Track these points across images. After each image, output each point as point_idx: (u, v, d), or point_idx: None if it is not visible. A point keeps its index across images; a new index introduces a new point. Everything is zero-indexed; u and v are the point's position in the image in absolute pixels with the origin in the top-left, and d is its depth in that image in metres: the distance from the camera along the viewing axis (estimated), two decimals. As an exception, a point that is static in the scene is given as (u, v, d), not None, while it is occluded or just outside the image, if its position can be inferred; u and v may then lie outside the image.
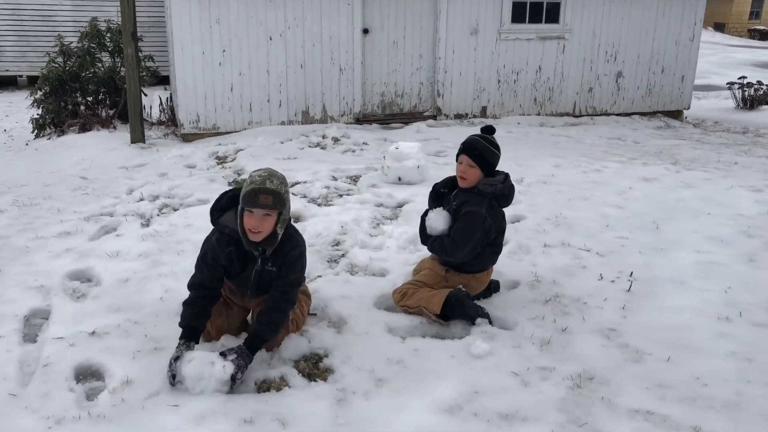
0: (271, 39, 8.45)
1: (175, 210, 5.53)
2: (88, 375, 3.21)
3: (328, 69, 8.83)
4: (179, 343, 3.14)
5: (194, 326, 3.20)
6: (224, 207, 3.27)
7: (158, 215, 5.41)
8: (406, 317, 3.65)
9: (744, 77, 13.31)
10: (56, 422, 2.79)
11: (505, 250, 4.52)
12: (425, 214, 3.82)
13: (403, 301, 3.71)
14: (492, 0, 9.30)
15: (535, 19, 9.65)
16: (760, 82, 13.11)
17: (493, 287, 3.93)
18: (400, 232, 4.81)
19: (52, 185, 6.41)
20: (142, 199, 5.82)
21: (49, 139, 8.90)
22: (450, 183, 3.83)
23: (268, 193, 3.01)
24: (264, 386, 3.07)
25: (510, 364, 3.16)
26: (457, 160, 3.72)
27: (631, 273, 4.17)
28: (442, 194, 3.85)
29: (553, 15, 9.72)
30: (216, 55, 8.26)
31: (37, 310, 3.80)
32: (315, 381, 3.10)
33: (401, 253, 4.53)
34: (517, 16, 9.53)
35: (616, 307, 3.75)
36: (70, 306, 3.84)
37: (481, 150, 3.63)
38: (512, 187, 3.71)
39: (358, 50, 8.87)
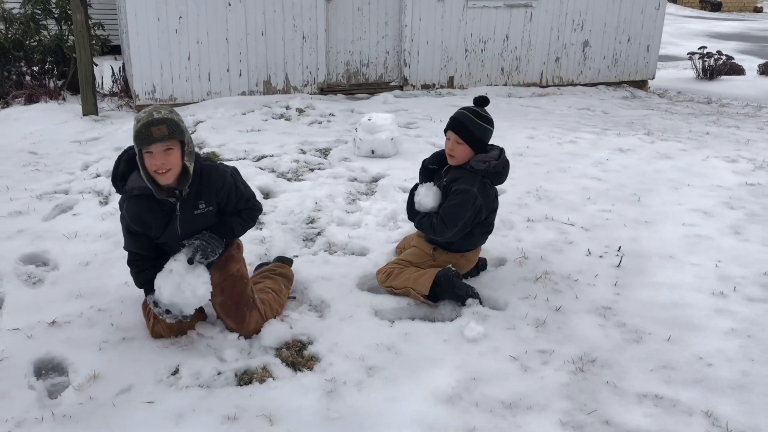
0: (230, 5, 8.03)
1: (136, 186, 5.19)
2: (49, 370, 2.94)
3: (290, 37, 8.47)
4: (147, 297, 3.02)
5: (151, 279, 2.97)
6: (125, 173, 2.92)
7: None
8: (392, 299, 3.46)
9: (704, 47, 13.36)
10: (16, 425, 2.53)
11: (488, 225, 4.38)
12: (414, 188, 3.60)
13: (388, 281, 3.51)
14: (459, -34, 9.04)
15: (503, -14, 9.44)
16: (719, 53, 13.17)
17: (481, 265, 3.76)
18: (378, 209, 4.58)
19: (-1, 161, 5.98)
20: (98, 176, 5.45)
21: (-7, 111, 8.35)
22: (439, 158, 3.61)
23: (161, 122, 2.70)
24: (245, 378, 2.84)
25: (507, 347, 3.00)
26: (445, 135, 3.51)
27: (619, 248, 4.05)
28: (432, 170, 3.63)
29: (520, -18, 9.51)
30: (172, 21, 7.81)
31: (-12, 299, 3.48)
32: (301, 371, 2.89)
33: (381, 231, 4.31)
34: (485, -18, 9.29)
35: (608, 283, 3.62)
36: (25, 293, 3.54)
37: (468, 125, 3.40)
38: (507, 164, 3.51)
39: (321, 17, 8.52)
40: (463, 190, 3.37)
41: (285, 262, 3.72)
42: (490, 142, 3.53)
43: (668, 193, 5.04)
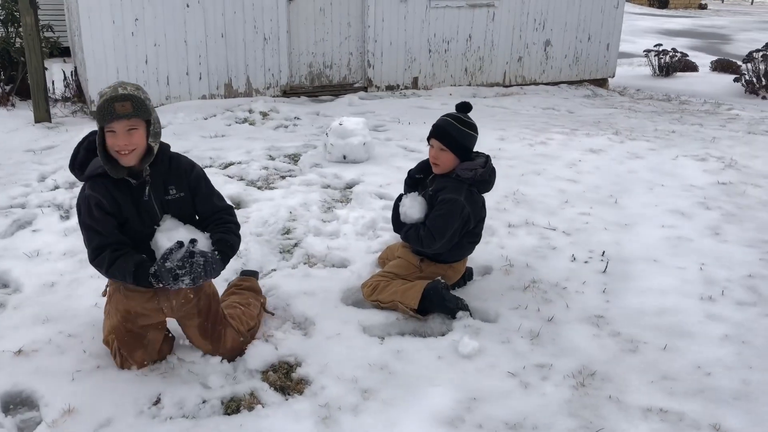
0: (188, 6, 7.78)
1: (98, 198, 4.94)
2: (18, 404, 2.73)
3: (251, 38, 8.25)
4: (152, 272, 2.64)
5: (142, 262, 2.65)
6: (84, 161, 2.73)
7: (78, 205, 4.81)
8: (379, 313, 3.33)
9: (660, 45, 13.61)
10: (-15, 469, 2.32)
11: (469, 232, 4.29)
12: (398, 199, 3.49)
13: (374, 295, 3.38)
14: (421, -35, 8.95)
15: (465, -15, 9.39)
16: (674, 50, 13.43)
17: (467, 275, 3.66)
18: (355, 217, 4.45)
19: (-53, 173, 5.64)
20: (57, 187, 5.18)
21: (-64, 119, 7.91)
22: (425, 167, 3.50)
23: (125, 99, 2.52)
24: (233, 405, 2.69)
25: (503, 363, 2.90)
26: (428, 143, 3.40)
27: (603, 252, 4.01)
28: (417, 180, 3.52)
29: (481, -18, 9.48)
30: (128, 24, 7.52)
31: (-55, 326, 3.23)
32: (291, 396, 2.74)
33: (361, 240, 4.18)
34: (447, -18, 9.23)
35: (596, 290, 3.57)
36: (-14, 319, 3.29)
37: (451, 132, 3.30)
38: (493, 171, 3.42)
39: (283, 18, 8.33)
40: (450, 199, 3.27)
41: (249, 274, 3.55)
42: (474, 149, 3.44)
43: (644, 194, 5.04)
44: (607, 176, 5.44)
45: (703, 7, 41.16)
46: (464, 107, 3.40)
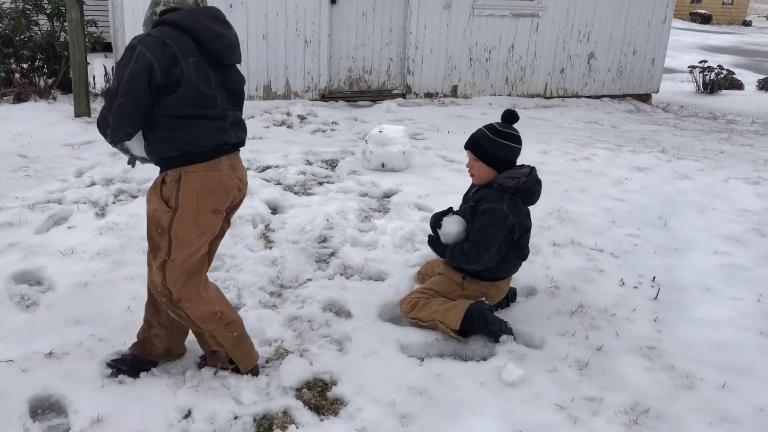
0: (231, 6, 7.75)
1: (134, 197, 4.88)
2: (46, 409, 2.65)
3: (292, 41, 8.20)
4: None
5: None
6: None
7: (114, 203, 4.76)
8: (418, 332, 3.20)
9: (705, 61, 13.27)
10: (11, 478, 2.24)
11: (512, 249, 4.14)
12: (433, 220, 3.37)
13: (413, 312, 3.25)
14: (466, -27, 8.81)
15: (510, -6, 9.24)
16: (720, 67, 13.09)
17: (510, 295, 3.51)
18: (393, 228, 4.32)
19: (-13, 164, 5.64)
20: (93, 184, 5.14)
21: (-21, 109, 7.98)
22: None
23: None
24: (265, 424, 2.57)
25: (550, 393, 2.75)
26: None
27: (654, 278, 3.83)
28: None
29: (527, -9, 9.32)
30: (170, 21, 7.50)
31: (-22, 323, 3.18)
32: (325, 416, 2.62)
33: (399, 253, 4.05)
34: (491, -10, 9.08)
35: (647, 318, 3.39)
36: (18, 317, 3.23)
37: (482, 142, 3.22)
38: (539, 182, 3.28)
39: (325, 21, 8.26)
40: (492, 208, 3.15)
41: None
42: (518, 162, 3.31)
43: (694, 217, 4.83)
44: (655, 196, 5.24)
45: (747, 23, 40.40)
46: (508, 116, 3.27)
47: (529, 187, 3.23)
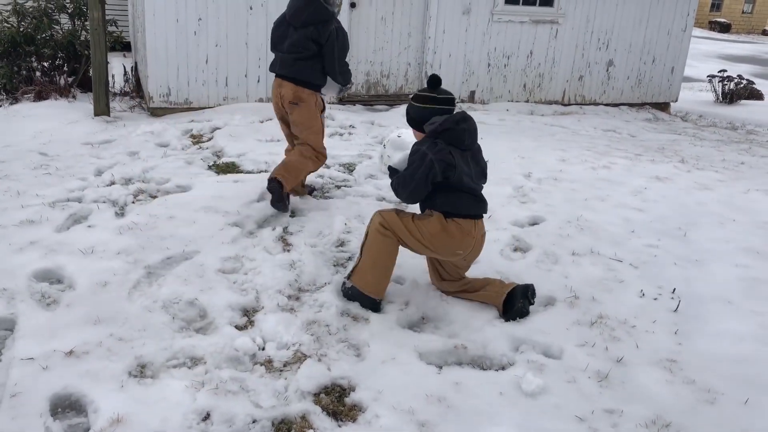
0: (251, 9, 7.78)
1: (153, 197, 4.90)
2: (66, 408, 2.66)
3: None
4: None
5: None
6: None
7: (133, 202, 4.78)
8: (436, 339, 3.19)
9: (724, 71, 13.17)
10: (31, 476, 2.25)
11: (531, 257, 4.13)
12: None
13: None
14: (486, -22, 8.79)
15: (529, 1, 9.20)
16: (740, 76, 12.99)
17: (530, 293, 3.45)
18: (412, 234, 4.31)
19: (8, 161, 5.68)
20: (113, 183, 5.17)
21: (0, 106, 8.06)
22: None
23: None
24: (283, 428, 2.58)
25: (570, 404, 2.73)
26: None
27: (674, 290, 3.79)
28: None
29: (547, -3, 9.29)
30: (191, 23, 7.55)
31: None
32: (343, 422, 2.62)
33: (416, 257, 4.04)
34: (511, -4, 9.06)
35: (667, 331, 3.36)
36: (39, 315, 3.25)
37: (408, 111, 3.50)
38: (459, 121, 3.32)
39: (344, 25, 8.25)
40: (414, 150, 3.40)
41: None
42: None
43: (714, 229, 4.79)
44: (674, 207, 5.20)
45: (766, 33, 40.04)
46: (432, 81, 3.40)
47: (447, 127, 3.29)
